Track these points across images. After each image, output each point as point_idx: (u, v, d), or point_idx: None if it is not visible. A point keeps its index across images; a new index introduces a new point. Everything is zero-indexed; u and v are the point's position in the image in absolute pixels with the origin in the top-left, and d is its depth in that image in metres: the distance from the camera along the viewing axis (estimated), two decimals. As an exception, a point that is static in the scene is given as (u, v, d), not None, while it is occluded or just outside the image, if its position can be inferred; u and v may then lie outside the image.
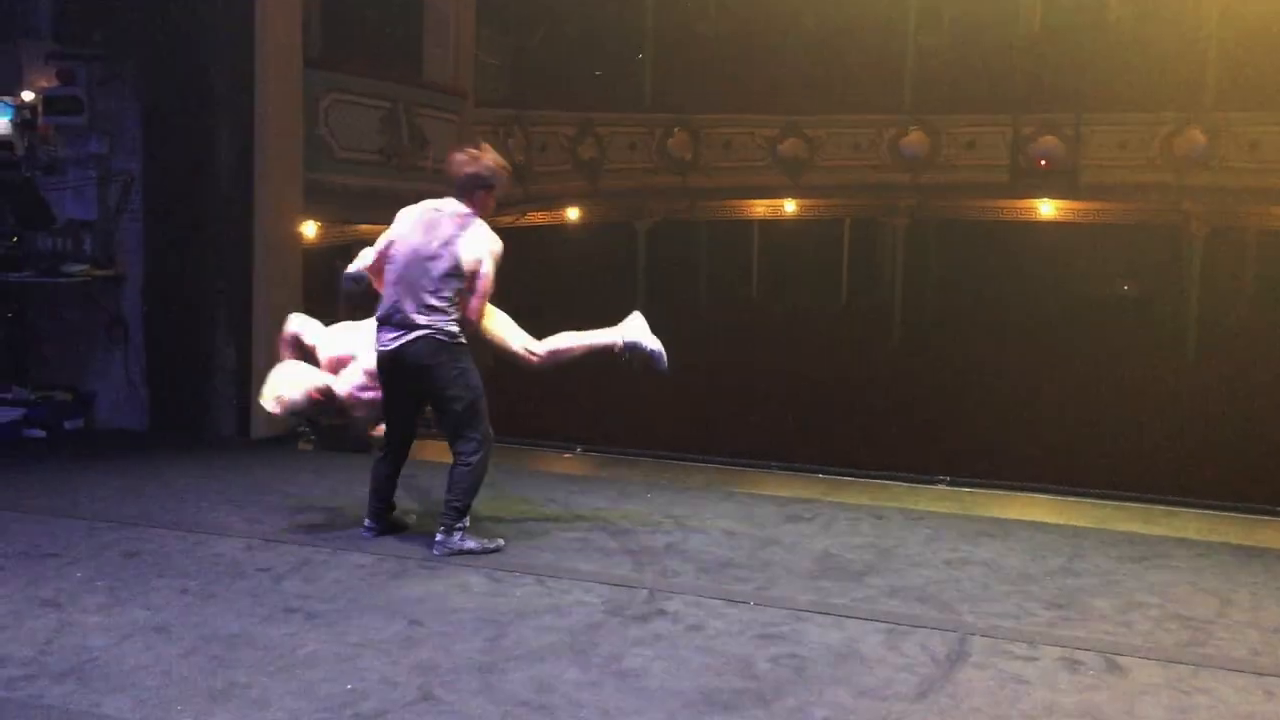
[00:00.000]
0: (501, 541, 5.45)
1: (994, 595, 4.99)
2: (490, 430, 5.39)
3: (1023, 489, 7.29)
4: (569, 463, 7.87)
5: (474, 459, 5.31)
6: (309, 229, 9.67)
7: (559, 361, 5.74)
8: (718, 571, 5.26)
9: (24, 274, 8.28)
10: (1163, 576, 5.31)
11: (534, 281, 16.82)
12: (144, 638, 4.28)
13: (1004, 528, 6.16)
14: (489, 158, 5.46)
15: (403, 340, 5.23)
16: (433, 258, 5.27)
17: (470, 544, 5.33)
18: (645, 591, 4.91)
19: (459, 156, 5.50)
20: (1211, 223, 16.74)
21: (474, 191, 5.41)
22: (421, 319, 5.22)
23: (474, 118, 13.16)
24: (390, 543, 5.53)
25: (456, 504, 5.32)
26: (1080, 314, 18.97)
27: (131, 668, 3.99)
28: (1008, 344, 17.32)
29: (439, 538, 5.32)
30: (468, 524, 5.36)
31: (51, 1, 8.27)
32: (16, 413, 7.94)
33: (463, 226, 5.33)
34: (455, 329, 5.29)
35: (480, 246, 5.33)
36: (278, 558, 5.27)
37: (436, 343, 5.23)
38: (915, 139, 17.52)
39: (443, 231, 5.31)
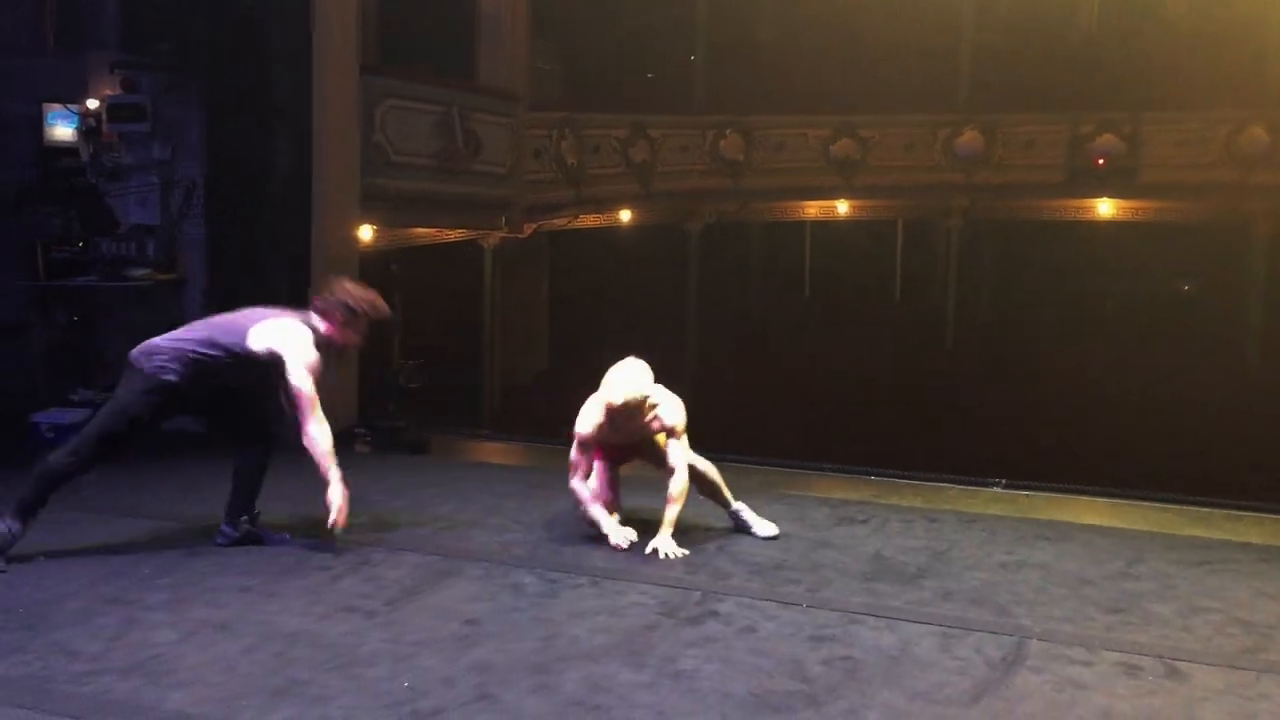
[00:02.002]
0: None
1: (1051, 599, 4.94)
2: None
3: (1080, 492, 7.21)
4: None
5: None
6: (364, 232, 9.81)
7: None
8: (770, 573, 5.26)
9: (89, 278, 8.48)
10: (1224, 581, 5.24)
11: (586, 284, 16.93)
12: (206, 634, 4.37)
13: (1061, 531, 6.11)
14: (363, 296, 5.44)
15: None
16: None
17: None
18: (698, 593, 4.93)
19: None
20: (1275, 222, 16.41)
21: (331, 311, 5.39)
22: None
23: (527, 121, 13.26)
24: (445, 543, 5.59)
25: None
26: (1138, 315, 18.69)
27: (195, 664, 4.08)
28: (1064, 345, 17.10)
29: None
30: None
31: (118, 12, 8.46)
32: (82, 413, 8.09)
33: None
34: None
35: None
36: (336, 557, 5.35)
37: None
38: (970, 138, 17.35)
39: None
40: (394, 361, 9.43)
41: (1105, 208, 17.12)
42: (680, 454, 5.63)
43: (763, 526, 5.88)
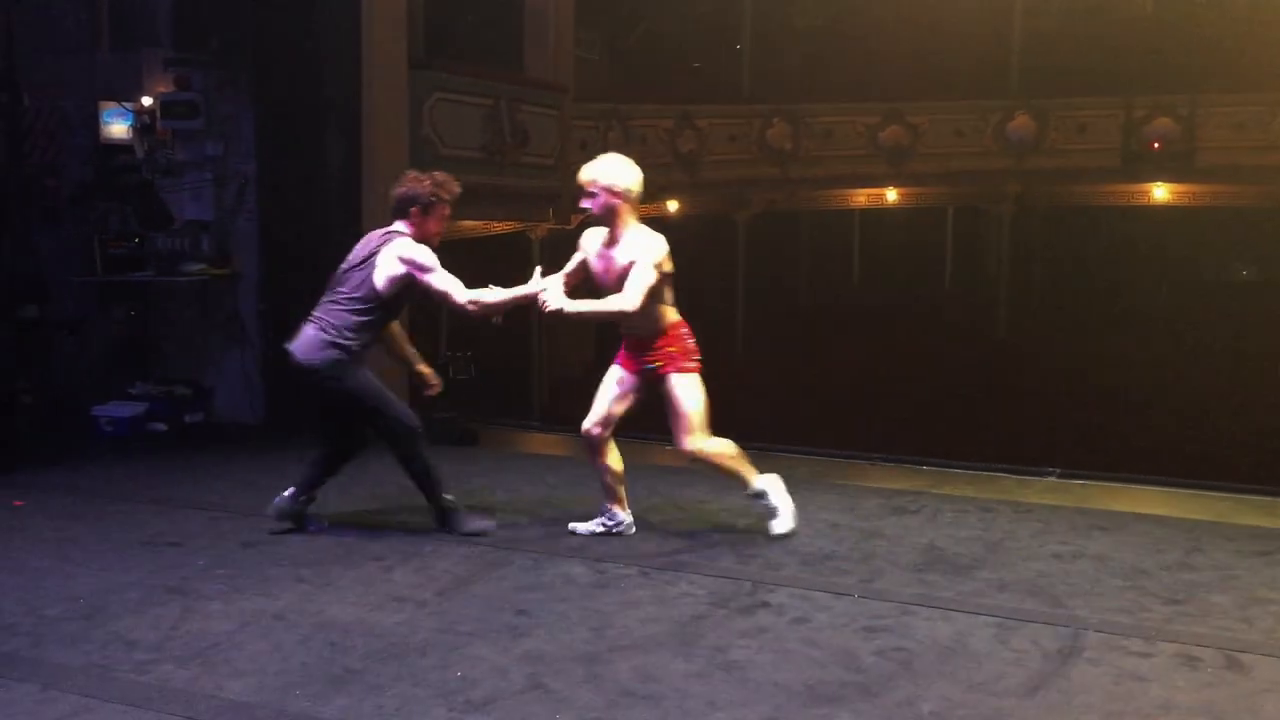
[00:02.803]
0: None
1: (1107, 590, 4.88)
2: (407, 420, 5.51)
3: (1136, 481, 7.11)
4: (672, 455, 7.82)
5: (407, 456, 5.50)
6: (414, 226, 9.85)
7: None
8: (821, 564, 5.24)
9: (145, 273, 8.61)
10: (1286, 572, 5.14)
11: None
12: (263, 624, 4.42)
13: (1117, 521, 6.02)
14: (423, 180, 5.54)
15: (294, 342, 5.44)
16: (350, 270, 5.47)
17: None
18: (749, 583, 4.92)
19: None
20: (1336, 205, 16.08)
21: (405, 212, 5.49)
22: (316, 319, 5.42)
23: (574, 113, 13.27)
24: (495, 533, 5.62)
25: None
26: (1195, 300, 18.39)
27: (251, 653, 4.13)
28: (1118, 331, 16.88)
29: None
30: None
31: (171, 10, 8.56)
32: (140, 407, 8.25)
33: (385, 241, 5.45)
34: (346, 340, 5.36)
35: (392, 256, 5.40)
36: (389, 548, 5.40)
37: (321, 341, 5.36)
38: (1022, 123, 17.15)
39: (370, 246, 5.47)
40: (443, 353, 9.47)
41: (1160, 192, 16.85)
42: (636, 281, 5.37)
43: (779, 522, 5.57)
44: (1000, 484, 6.98)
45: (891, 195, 18.33)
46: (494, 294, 5.49)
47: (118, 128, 8.77)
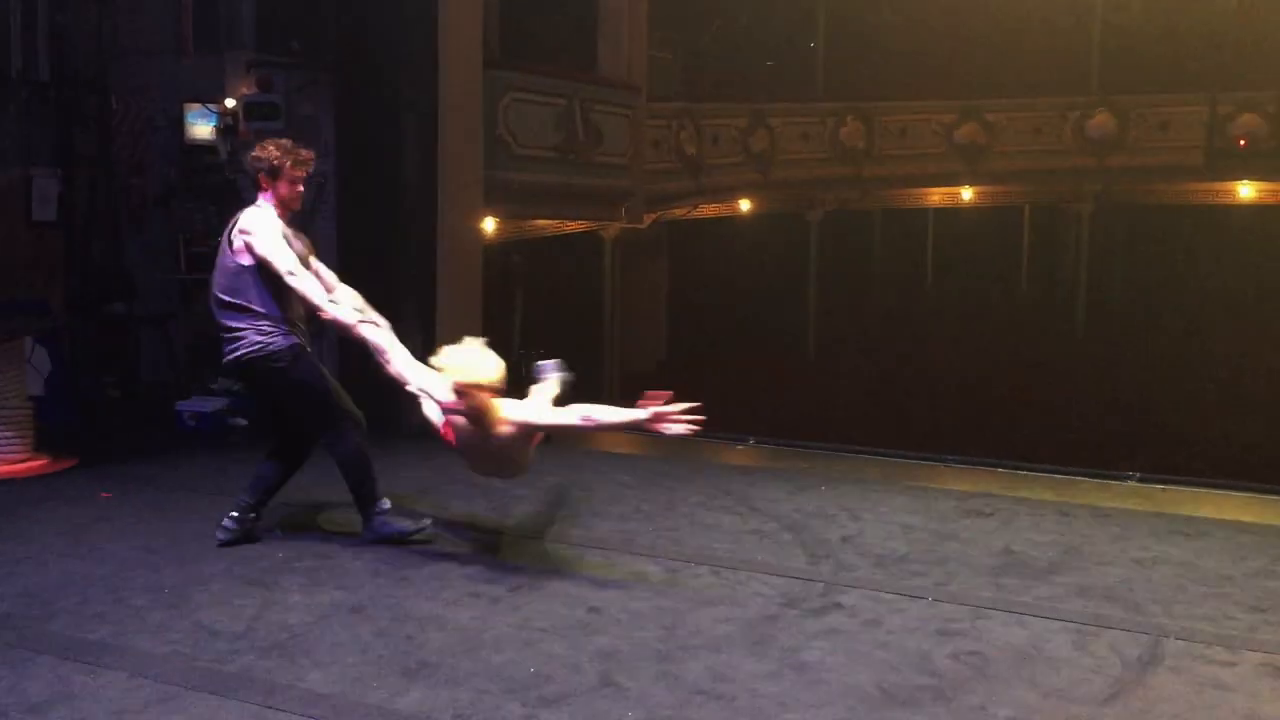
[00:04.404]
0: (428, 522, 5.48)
1: (1189, 597, 4.78)
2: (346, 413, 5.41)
3: (1219, 486, 6.94)
4: (743, 454, 7.87)
5: (339, 449, 5.38)
6: (488, 224, 9.97)
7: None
8: (894, 566, 5.20)
9: (228, 272, 8.77)
10: (1377, 581, 4.99)
11: (705, 274, 16.91)
12: (341, 617, 4.50)
13: (1199, 526, 5.89)
14: (267, 147, 5.40)
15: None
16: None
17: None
18: (821, 585, 4.90)
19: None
20: None
21: (256, 178, 5.41)
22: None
23: (646, 112, 13.30)
24: (568, 531, 5.66)
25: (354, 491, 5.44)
26: (1281, 302, 17.89)
27: (330, 645, 4.21)
28: (1201, 333, 16.48)
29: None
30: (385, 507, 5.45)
31: (254, 13, 8.74)
32: (221, 402, 8.42)
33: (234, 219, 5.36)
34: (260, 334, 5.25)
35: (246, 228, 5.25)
36: (464, 543, 5.46)
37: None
38: (1102, 120, 16.83)
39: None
40: (515, 350, 9.55)
41: (1246, 190, 16.42)
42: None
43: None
44: (1078, 487, 6.86)
45: (967, 194, 18.09)
46: (345, 314, 5.30)
47: (202, 129, 8.98)
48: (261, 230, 5.24)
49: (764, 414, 10.98)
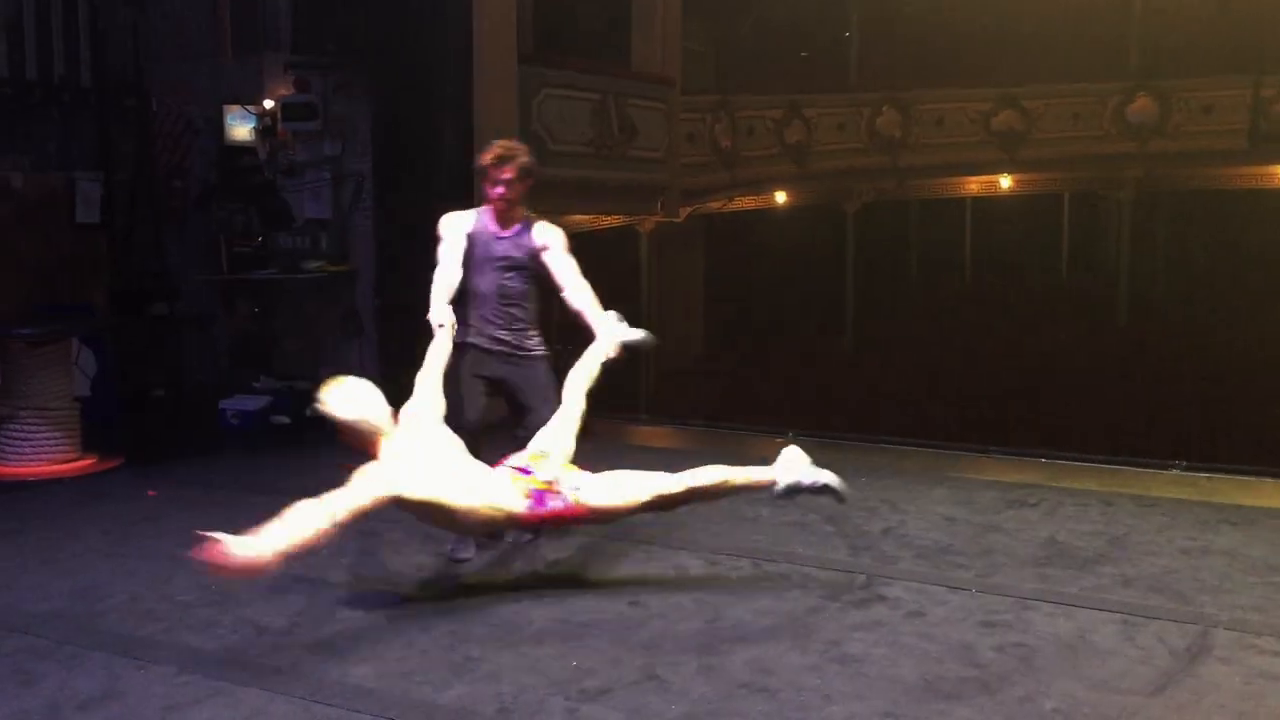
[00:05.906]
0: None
1: (1238, 586, 4.72)
2: None
3: (1267, 474, 6.83)
4: (781, 446, 7.83)
5: None
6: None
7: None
8: (937, 557, 5.17)
9: (268, 271, 8.87)
10: None
11: (742, 266, 16.88)
12: (385, 611, 4.54)
13: (1246, 515, 5.81)
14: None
15: None
16: None
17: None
18: (863, 576, 4.88)
19: None
20: None
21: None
22: None
23: (680, 105, 13.28)
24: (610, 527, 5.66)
25: None
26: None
27: (374, 639, 4.24)
28: (1246, 319, 16.24)
29: None
30: None
31: (290, 14, 8.81)
32: (264, 401, 8.51)
33: None
34: None
35: None
36: (505, 538, 5.47)
37: None
38: (1143, 105, 16.62)
39: None
40: (551, 346, 9.58)
41: (1291, 174, 16.18)
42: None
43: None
44: (1123, 477, 6.79)
45: (1005, 182, 17.94)
46: None
47: (241, 130, 9.06)
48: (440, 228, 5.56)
49: (804, 407, 10.95)
